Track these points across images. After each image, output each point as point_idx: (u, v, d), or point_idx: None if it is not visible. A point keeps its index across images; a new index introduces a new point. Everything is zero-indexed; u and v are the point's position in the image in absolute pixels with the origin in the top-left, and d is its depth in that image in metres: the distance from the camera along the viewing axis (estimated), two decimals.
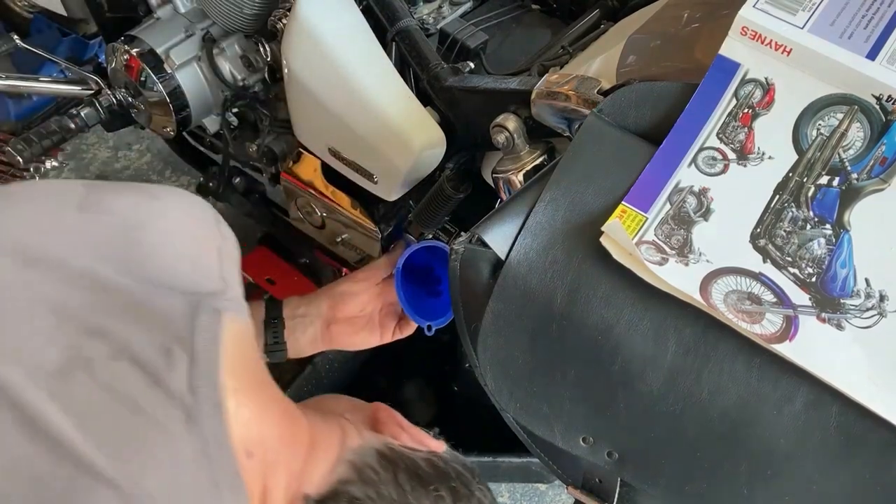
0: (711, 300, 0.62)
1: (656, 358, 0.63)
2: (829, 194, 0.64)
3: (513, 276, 0.66)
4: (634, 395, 0.64)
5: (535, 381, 0.68)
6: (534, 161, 0.86)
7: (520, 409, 0.70)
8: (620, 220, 0.64)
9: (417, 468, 0.74)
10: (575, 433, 0.68)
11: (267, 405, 0.67)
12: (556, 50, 0.93)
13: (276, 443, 0.66)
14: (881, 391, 0.59)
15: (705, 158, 0.67)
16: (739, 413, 0.61)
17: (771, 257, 0.63)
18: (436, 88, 0.95)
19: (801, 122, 0.66)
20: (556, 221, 0.66)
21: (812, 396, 0.60)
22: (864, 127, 0.65)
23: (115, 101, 1.22)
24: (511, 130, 0.84)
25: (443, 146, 0.96)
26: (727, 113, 0.67)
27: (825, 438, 0.60)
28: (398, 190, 1.01)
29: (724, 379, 0.61)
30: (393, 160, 0.97)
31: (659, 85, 0.71)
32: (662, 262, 0.63)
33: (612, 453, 0.68)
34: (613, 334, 0.63)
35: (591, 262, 0.64)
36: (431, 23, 1.06)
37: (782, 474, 0.62)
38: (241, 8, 1.06)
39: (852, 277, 0.62)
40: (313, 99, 1.00)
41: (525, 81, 0.85)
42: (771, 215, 0.64)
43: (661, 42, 0.78)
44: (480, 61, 1.02)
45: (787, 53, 0.67)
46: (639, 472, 0.68)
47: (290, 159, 1.17)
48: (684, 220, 0.65)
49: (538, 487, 1.38)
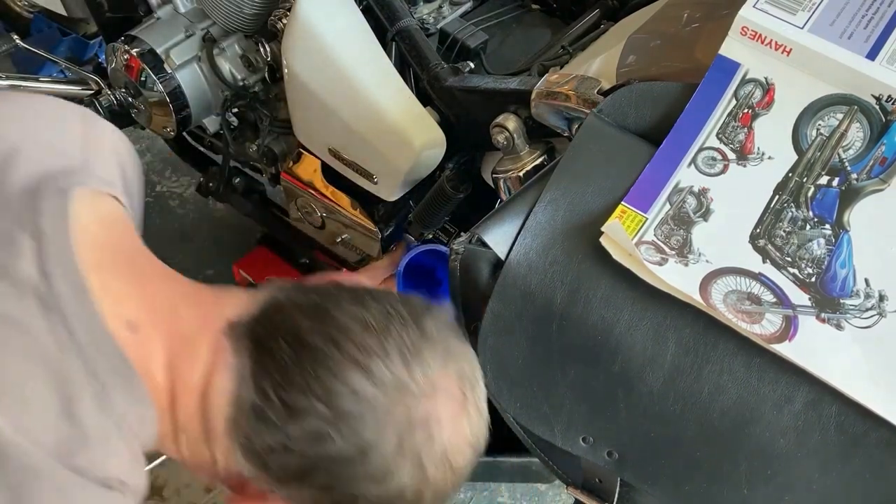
0: (711, 300, 0.62)
1: (656, 358, 0.63)
2: (828, 194, 0.64)
3: (513, 276, 0.66)
4: (634, 395, 0.64)
5: (535, 382, 0.68)
6: (534, 161, 0.86)
7: (520, 409, 0.70)
8: (620, 220, 0.64)
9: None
10: (575, 433, 0.68)
11: (144, 271, 0.62)
12: (556, 50, 0.93)
13: (167, 304, 0.62)
14: (881, 391, 0.59)
15: (705, 158, 0.67)
16: (739, 413, 0.61)
17: (770, 257, 0.63)
18: (436, 88, 0.95)
19: (800, 122, 0.66)
20: (556, 221, 0.66)
21: (812, 396, 0.60)
22: (863, 127, 0.65)
23: (115, 101, 1.22)
24: (511, 130, 0.84)
25: (443, 146, 0.96)
26: (727, 113, 0.67)
27: (825, 438, 0.60)
28: (398, 190, 1.01)
29: (723, 379, 0.61)
30: (393, 160, 0.97)
31: (659, 85, 0.71)
32: (662, 262, 0.63)
33: (612, 453, 0.68)
34: (613, 334, 0.63)
35: (591, 263, 0.64)
36: (431, 23, 1.06)
37: (782, 474, 0.62)
38: (241, 8, 1.06)
39: (852, 277, 0.62)
40: (313, 99, 1.00)
41: (525, 81, 0.85)
42: (771, 215, 0.64)
43: (661, 42, 0.78)
44: (480, 61, 1.02)
45: (787, 53, 0.67)
46: (639, 472, 0.68)
47: (290, 159, 1.17)
48: (684, 221, 0.65)
49: (538, 487, 1.38)
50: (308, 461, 0.60)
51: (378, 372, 0.60)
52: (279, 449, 0.60)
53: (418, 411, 0.61)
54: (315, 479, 0.61)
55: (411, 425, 0.60)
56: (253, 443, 0.61)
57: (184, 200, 1.81)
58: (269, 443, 0.60)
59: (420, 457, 0.61)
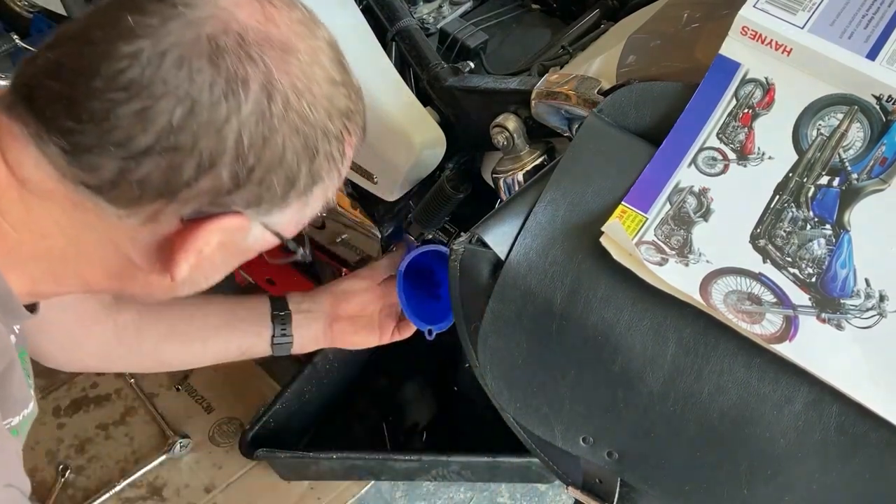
0: (711, 300, 0.62)
1: (656, 358, 0.63)
2: (829, 194, 0.64)
3: (513, 277, 0.66)
4: (634, 395, 0.64)
5: (535, 381, 0.68)
6: (534, 161, 0.86)
7: (520, 409, 0.70)
8: (620, 220, 0.64)
9: None
10: (575, 433, 0.68)
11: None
12: (556, 50, 0.93)
13: None
14: (881, 391, 0.59)
15: (705, 158, 0.67)
16: (739, 413, 0.61)
17: (771, 257, 0.63)
18: (436, 88, 0.95)
19: (801, 122, 0.66)
20: (556, 222, 0.66)
21: (812, 396, 0.60)
22: (864, 127, 0.65)
23: None
24: (511, 130, 0.84)
25: (443, 146, 0.96)
26: (727, 113, 0.67)
27: (825, 438, 0.60)
28: (398, 190, 1.01)
29: (723, 379, 0.61)
30: (393, 160, 0.97)
31: (659, 85, 0.71)
32: (662, 262, 0.63)
33: (612, 453, 0.68)
34: (613, 334, 0.63)
35: (591, 263, 0.64)
36: (431, 22, 1.06)
37: (782, 474, 0.62)
38: None
39: (852, 278, 0.62)
40: None
41: (525, 81, 0.85)
42: (771, 215, 0.64)
43: (661, 42, 0.78)
44: (480, 61, 1.02)
45: (788, 53, 0.67)
46: (639, 472, 0.68)
47: None
48: (684, 221, 0.65)
49: (538, 487, 1.38)
50: (161, 142, 0.56)
51: (143, 31, 0.55)
52: (132, 162, 0.56)
53: (205, 30, 0.56)
54: (185, 152, 0.57)
55: (206, 42, 0.56)
56: (100, 176, 0.57)
57: None
58: (116, 167, 0.56)
59: (239, 75, 0.56)
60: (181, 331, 0.99)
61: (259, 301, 1.04)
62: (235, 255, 0.67)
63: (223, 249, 0.63)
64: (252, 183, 0.59)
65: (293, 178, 0.61)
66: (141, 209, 0.59)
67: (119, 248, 0.62)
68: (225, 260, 0.67)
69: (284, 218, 0.64)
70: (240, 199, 0.60)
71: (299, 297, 1.05)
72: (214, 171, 0.58)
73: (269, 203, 0.62)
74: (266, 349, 1.03)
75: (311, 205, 0.66)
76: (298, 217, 0.66)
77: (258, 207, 0.61)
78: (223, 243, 0.62)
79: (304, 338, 1.03)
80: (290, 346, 1.03)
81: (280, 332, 1.01)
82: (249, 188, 0.60)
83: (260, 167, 0.59)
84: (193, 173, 0.57)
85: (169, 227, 0.60)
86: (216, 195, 0.59)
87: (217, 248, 0.62)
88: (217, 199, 0.59)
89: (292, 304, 1.03)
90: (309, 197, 0.64)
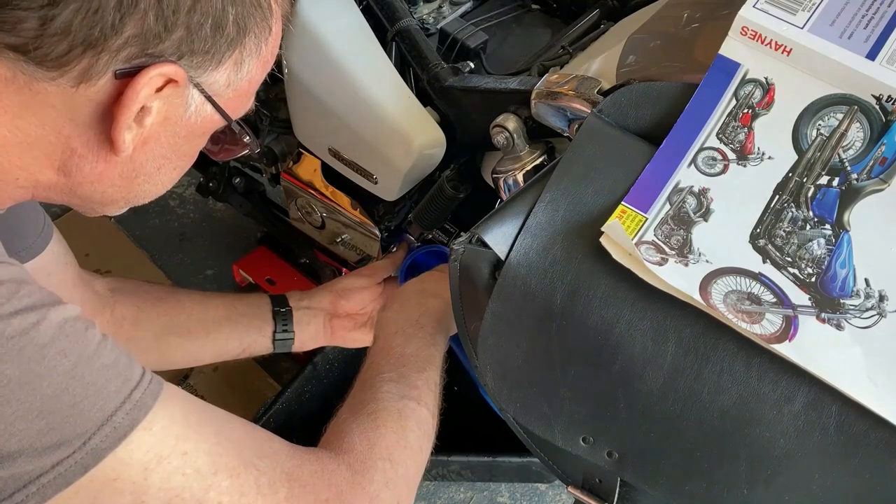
0: (711, 300, 0.62)
1: (656, 358, 0.63)
2: (828, 194, 0.64)
3: (513, 276, 0.66)
4: (634, 395, 0.64)
5: (535, 382, 0.68)
6: (534, 161, 0.86)
7: (520, 409, 0.70)
8: (620, 220, 0.65)
9: None
10: (575, 433, 0.69)
11: None
12: (556, 50, 0.93)
13: None
14: (881, 391, 0.59)
15: (705, 158, 0.67)
16: (739, 413, 0.61)
17: (771, 257, 0.63)
18: (436, 88, 0.95)
19: (800, 122, 0.66)
20: (556, 221, 0.66)
21: (812, 396, 0.60)
22: (863, 127, 0.65)
23: None
24: (511, 130, 0.84)
25: (443, 146, 0.96)
26: (727, 113, 0.67)
27: (825, 438, 0.60)
28: (398, 190, 1.01)
29: (723, 379, 0.61)
30: (393, 160, 0.97)
31: (659, 85, 0.71)
32: (662, 262, 0.63)
33: (612, 453, 0.68)
34: (613, 334, 0.63)
35: (590, 263, 0.64)
36: (431, 23, 1.06)
37: (782, 474, 0.62)
38: None
39: (852, 277, 0.62)
40: (313, 99, 1.00)
41: (525, 81, 0.85)
42: (771, 215, 0.64)
43: (661, 42, 0.78)
44: (480, 61, 1.02)
45: (787, 53, 0.67)
46: (639, 472, 0.69)
47: (290, 159, 1.17)
48: (684, 221, 0.65)
49: (538, 487, 1.38)
50: None
51: None
52: (50, 8, 0.53)
53: None
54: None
55: None
56: (22, 32, 0.54)
57: (184, 200, 1.81)
58: (36, 17, 0.53)
59: None
60: (181, 324, 0.99)
61: (259, 298, 1.04)
62: (181, 134, 0.64)
63: (166, 125, 0.61)
64: (179, 26, 0.57)
65: (220, 21, 0.59)
66: (70, 67, 0.56)
67: (60, 132, 0.59)
68: (172, 143, 0.64)
69: (220, 78, 0.62)
70: (170, 48, 0.58)
71: (299, 294, 1.05)
72: (137, 11, 0.55)
73: (201, 55, 0.59)
74: (267, 345, 1.03)
75: (245, 64, 0.63)
76: (235, 79, 0.63)
77: (191, 58, 0.59)
78: (166, 117, 0.60)
79: (304, 334, 1.03)
80: (291, 343, 1.03)
81: (281, 328, 1.01)
82: (177, 33, 0.57)
83: (184, 6, 0.57)
84: (116, 14, 0.55)
85: (105, 90, 0.58)
86: (145, 42, 0.57)
87: (160, 122, 0.60)
88: (146, 47, 0.57)
89: (292, 301, 1.04)
90: (242, 52, 0.62)
